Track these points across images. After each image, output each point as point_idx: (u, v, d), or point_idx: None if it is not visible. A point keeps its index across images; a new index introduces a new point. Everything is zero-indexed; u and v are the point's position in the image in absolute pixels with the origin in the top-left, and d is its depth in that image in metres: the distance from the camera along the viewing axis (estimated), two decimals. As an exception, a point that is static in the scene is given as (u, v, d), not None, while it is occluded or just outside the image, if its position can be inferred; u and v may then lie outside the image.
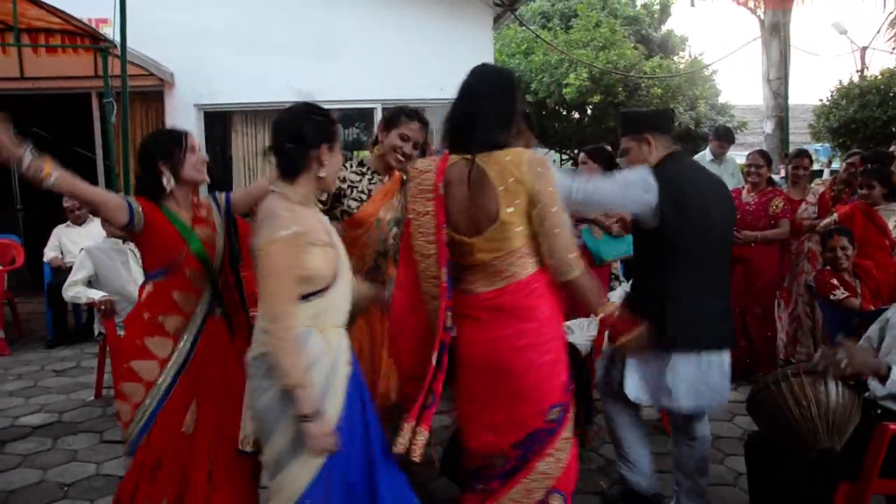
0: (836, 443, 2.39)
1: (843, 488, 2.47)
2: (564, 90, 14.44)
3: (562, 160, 19.98)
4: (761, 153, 5.29)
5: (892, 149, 6.57)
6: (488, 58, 8.61)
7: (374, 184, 3.02)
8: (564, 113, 16.24)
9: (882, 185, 4.70)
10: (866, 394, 2.59)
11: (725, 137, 6.77)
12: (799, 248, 5.23)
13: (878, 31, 15.18)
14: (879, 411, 2.52)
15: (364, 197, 2.99)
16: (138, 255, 4.90)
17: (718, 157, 6.75)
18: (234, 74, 7.87)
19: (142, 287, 2.71)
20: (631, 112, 3.45)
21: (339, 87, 8.15)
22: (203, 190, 2.92)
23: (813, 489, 2.48)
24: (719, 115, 18.62)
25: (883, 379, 2.38)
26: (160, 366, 2.54)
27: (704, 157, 6.80)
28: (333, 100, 8.26)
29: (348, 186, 2.98)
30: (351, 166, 3.04)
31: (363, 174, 3.04)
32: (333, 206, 2.96)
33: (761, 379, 2.62)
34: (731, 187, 5.82)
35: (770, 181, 5.23)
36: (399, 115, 3.00)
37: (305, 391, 2.04)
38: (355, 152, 4.81)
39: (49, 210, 7.60)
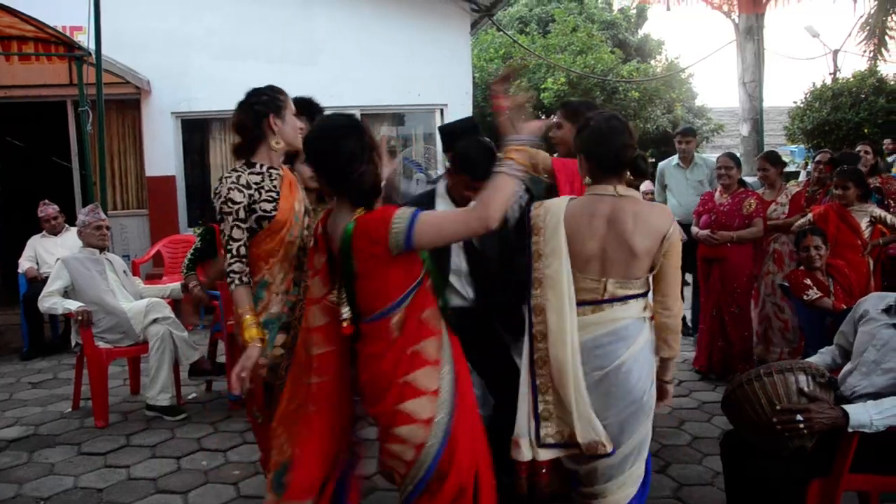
0: (807, 441, 2.43)
1: (815, 484, 2.51)
2: (542, 94, 14.54)
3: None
4: (729, 155, 5.39)
5: (857, 149, 6.67)
6: (466, 63, 8.66)
7: (275, 179, 2.77)
8: (543, 117, 16.31)
9: (857, 187, 4.79)
10: (837, 392, 2.63)
11: (682, 132, 6.49)
12: (765, 248, 5.32)
13: (850, 35, 15.42)
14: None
15: (275, 195, 2.72)
16: (115, 264, 4.93)
17: (685, 158, 6.34)
18: (212, 82, 7.83)
19: (386, 321, 2.23)
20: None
21: (318, 93, 8.02)
22: None
23: (787, 486, 2.51)
24: (696, 118, 18.81)
25: (843, 427, 2.41)
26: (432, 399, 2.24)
27: (671, 162, 6.52)
28: (311, 106, 8.26)
29: (255, 190, 2.69)
30: (238, 171, 2.74)
31: (261, 173, 2.75)
32: (247, 216, 2.66)
33: (735, 378, 2.65)
34: (698, 194, 5.84)
35: (741, 182, 5.30)
36: (277, 96, 2.82)
37: None
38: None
39: (24, 220, 7.53)
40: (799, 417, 2.40)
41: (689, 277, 5.93)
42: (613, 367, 2.30)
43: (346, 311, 2.25)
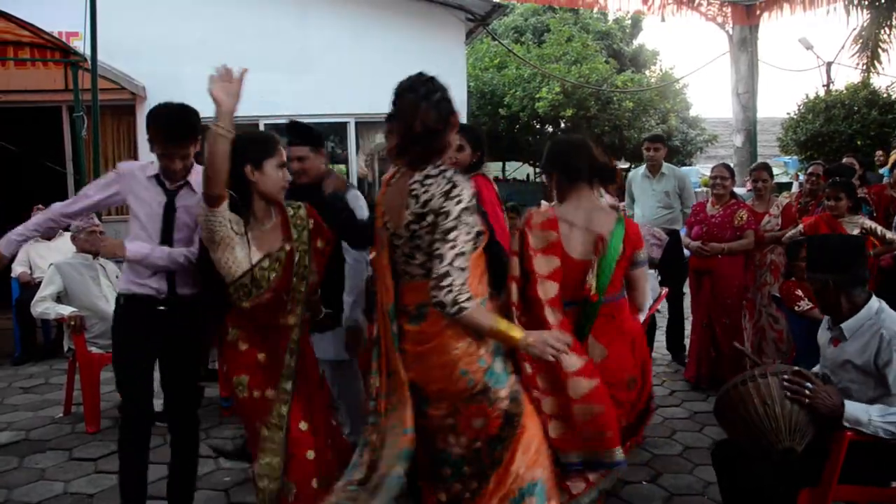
0: (797, 444, 2.44)
1: (805, 494, 2.53)
2: (537, 104, 14.60)
3: (535, 173, 20.12)
4: (725, 166, 5.37)
5: (843, 161, 6.70)
6: (461, 72, 8.69)
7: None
8: (537, 126, 16.40)
9: (848, 198, 4.82)
10: None
11: (649, 139, 5.99)
12: (762, 260, 5.32)
13: (843, 47, 15.50)
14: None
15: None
16: (108, 270, 4.93)
17: (652, 167, 5.82)
18: (207, 89, 7.82)
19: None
20: None
21: (312, 102, 8.17)
22: None
23: (778, 495, 2.53)
24: (690, 128, 18.92)
25: (838, 419, 2.44)
26: None
27: (639, 171, 6.03)
28: (307, 114, 8.27)
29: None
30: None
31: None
32: None
33: (731, 380, 2.67)
34: (663, 205, 5.70)
35: (732, 194, 5.31)
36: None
37: None
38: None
39: (16, 224, 7.51)
40: (809, 385, 2.43)
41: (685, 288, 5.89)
42: None
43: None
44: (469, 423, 2.27)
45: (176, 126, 2.82)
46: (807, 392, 2.42)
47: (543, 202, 3.55)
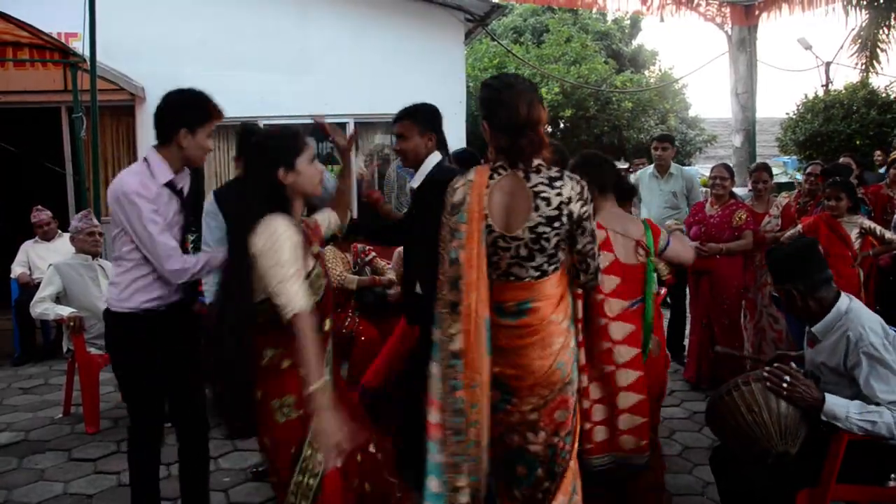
0: (790, 446, 2.45)
1: (803, 494, 2.53)
2: (537, 104, 14.58)
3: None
4: (725, 166, 5.38)
5: (841, 160, 6.70)
6: (460, 72, 8.69)
7: None
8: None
9: (848, 198, 4.82)
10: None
11: (658, 138, 6.03)
12: (762, 260, 5.31)
13: (842, 47, 15.50)
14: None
15: None
16: (107, 270, 4.92)
17: (661, 166, 5.87)
18: (208, 89, 7.82)
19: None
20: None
21: (312, 102, 8.15)
22: None
23: (776, 496, 2.53)
24: (689, 129, 18.92)
25: (818, 412, 2.44)
26: None
27: (647, 171, 6.08)
28: (306, 114, 8.26)
29: None
30: None
31: None
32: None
33: (714, 392, 2.69)
34: (670, 205, 5.73)
35: (731, 194, 5.32)
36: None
37: None
38: (329, 167, 4.82)
39: (17, 225, 7.51)
40: (786, 378, 2.45)
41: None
42: None
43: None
44: (552, 416, 2.31)
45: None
46: (784, 385, 2.43)
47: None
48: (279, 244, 2.16)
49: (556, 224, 2.22)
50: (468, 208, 2.25)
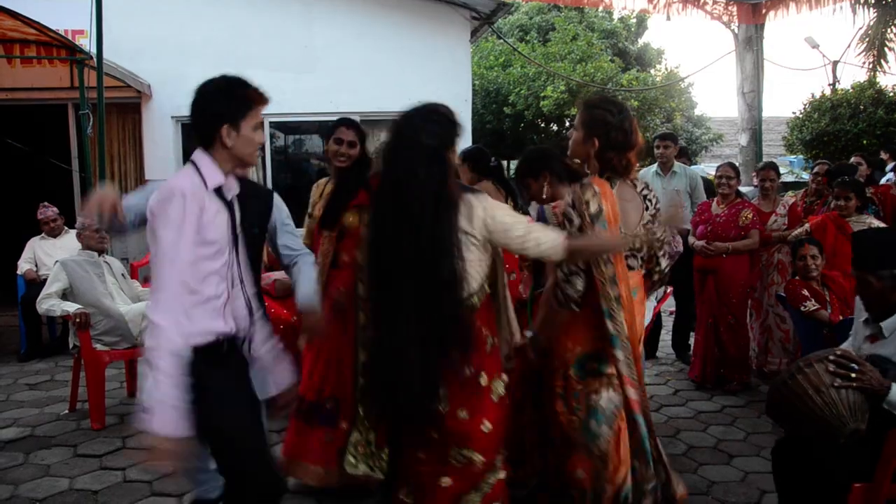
0: (860, 422, 2.40)
1: (857, 490, 2.47)
2: (542, 102, 14.57)
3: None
4: (730, 165, 5.36)
5: (852, 160, 6.67)
6: (466, 71, 8.69)
7: None
8: (542, 125, 16.38)
9: (857, 198, 4.80)
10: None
11: (660, 136, 5.98)
12: (769, 259, 5.30)
13: (849, 46, 15.50)
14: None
15: None
16: (114, 267, 4.94)
17: (664, 165, 5.85)
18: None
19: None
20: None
21: (317, 101, 8.19)
22: None
23: (835, 488, 2.49)
24: (695, 128, 18.89)
25: (880, 399, 2.41)
26: None
27: (650, 170, 6.00)
28: (311, 112, 8.29)
29: None
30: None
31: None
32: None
33: (775, 379, 2.64)
34: (673, 203, 5.72)
35: (738, 193, 5.30)
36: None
37: None
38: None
39: (23, 222, 7.54)
40: (853, 366, 2.41)
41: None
42: None
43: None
44: None
45: None
46: (853, 375, 2.40)
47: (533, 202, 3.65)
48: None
49: (653, 222, 2.80)
50: (605, 216, 2.59)
